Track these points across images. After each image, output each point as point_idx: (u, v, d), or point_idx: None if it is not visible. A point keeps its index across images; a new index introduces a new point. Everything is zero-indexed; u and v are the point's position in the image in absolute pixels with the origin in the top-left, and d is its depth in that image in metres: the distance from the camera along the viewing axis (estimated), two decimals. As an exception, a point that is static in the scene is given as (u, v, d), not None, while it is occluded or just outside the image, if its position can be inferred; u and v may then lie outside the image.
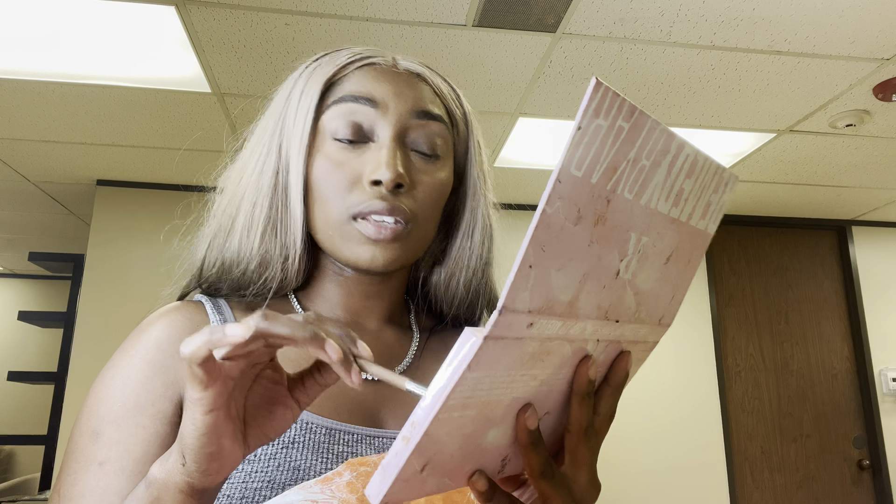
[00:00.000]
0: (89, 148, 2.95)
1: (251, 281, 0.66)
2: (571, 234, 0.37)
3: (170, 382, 0.60)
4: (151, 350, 0.61)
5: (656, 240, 0.43)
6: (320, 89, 0.66)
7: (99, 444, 0.57)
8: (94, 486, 0.55)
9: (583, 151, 0.35)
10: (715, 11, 1.93)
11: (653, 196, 0.41)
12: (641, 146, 0.38)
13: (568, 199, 0.36)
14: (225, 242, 0.67)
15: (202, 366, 0.41)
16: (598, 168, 0.37)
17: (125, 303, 3.12)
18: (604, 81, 0.36)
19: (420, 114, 0.66)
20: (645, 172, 0.40)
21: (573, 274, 0.38)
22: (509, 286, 0.35)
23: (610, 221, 0.39)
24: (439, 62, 2.21)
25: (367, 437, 0.60)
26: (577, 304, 0.39)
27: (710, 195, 0.46)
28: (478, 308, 0.74)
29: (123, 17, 1.96)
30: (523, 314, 0.36)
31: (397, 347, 0.70)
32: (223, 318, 0.65)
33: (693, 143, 0.42)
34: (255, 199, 0.66)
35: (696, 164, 0.43)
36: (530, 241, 0.35)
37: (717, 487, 3.38)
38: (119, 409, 0.58)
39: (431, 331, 0.75)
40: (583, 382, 0.44)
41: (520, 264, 0.35)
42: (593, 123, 0.35)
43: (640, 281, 0.44)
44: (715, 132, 2.72)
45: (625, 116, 0.37)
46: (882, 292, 3.79)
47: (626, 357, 0.47)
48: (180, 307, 0.65)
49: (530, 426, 0.42)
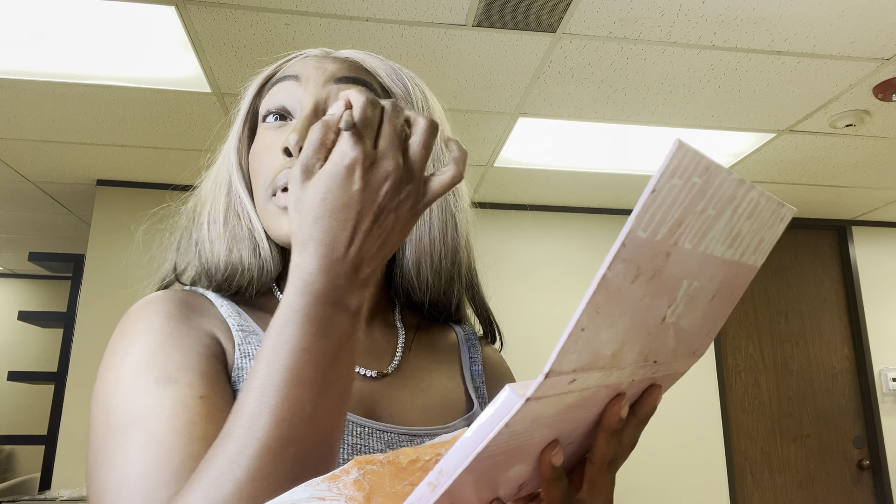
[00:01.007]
0: (89, 148, 2.95)
1: (229, 273, 0.66)
2: (627, 292, 0.36)
3: (200, 331, 0.58)
4: (163, 321, 0.58)
5: (706, 282, 0.43)
6: (259, 83, 0.70)
7: (178, 386, 0.53)
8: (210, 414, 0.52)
9: (652, 213, 0.34)
10: (715, 11, 1.93)
11: (711, 242, 0.40)
12: (710, 197, 0.37)
13: (630, 260, 0.35)
14: (193, 234, 0.68)
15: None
16: (664, 226, 0.36)
17: (125, 303, 3.11)
18: (686, 142, 0.34)
19: (340, 79, 0.65)
20: (709, 221, 0.39)
21: (621, 328, 0.37)
22: (559, 350, 0.34)
23: (665, 273, 0.38)
24: (439, 62, 2.21)
25: (376, 431, 0.61)
26: (621, 354, 0.39)
27: (766, 231, 0.45)
28: (454, 295, 0.73)
29: (123, 17, 1.96)
30: (568, 374, 0.36)
31: (384, 345, 0.70)
32: (221, 303, 0.64)
33: (757, 187, 0.41)
34: (215, 193, 0.69)
35: (759, 206, 0.42)
36: (587, 305, 0.34)
37: (717, 487, 3.38)
38: (167, 365, 0.54)
39: (417, 327, 0.75)
40: (613, 420, 0.44)
41: (573, 328, 0.34)
42: (668, 184, 0.34)
43: (684, 322, 0.43)
44: (715, 132, 2.72)
45: (700, 173, 0.36)
46: (882, 292, 3.79)
47: (657, 391, 0.47)
48: (172, 289, 0.65)
49: (555, 463, 0.42)
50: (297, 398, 0.46)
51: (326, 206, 0.48)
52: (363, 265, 0.50)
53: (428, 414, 0.66)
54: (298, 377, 0.46)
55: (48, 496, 2.71)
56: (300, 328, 0.47)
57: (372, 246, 0.49)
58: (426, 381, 0.69)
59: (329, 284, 0.48)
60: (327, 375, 0.47)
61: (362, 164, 0.48)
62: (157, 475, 0.48)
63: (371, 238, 0.49)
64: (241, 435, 0.44)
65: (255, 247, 0.65)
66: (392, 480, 0.41)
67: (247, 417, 0.45)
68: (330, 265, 0.48)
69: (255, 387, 0.46)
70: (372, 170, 0.48)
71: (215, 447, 0.45)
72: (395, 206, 0.50)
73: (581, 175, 3.21)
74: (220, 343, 0.59)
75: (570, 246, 3.64)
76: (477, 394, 0.73)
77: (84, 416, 3.02)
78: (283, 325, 0.47)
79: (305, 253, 0.49)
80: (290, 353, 0.46)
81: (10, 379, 3.43)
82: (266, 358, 0.47)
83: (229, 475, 0.43)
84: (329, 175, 0.48)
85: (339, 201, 0.48)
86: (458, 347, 0.77)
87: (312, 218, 0.49)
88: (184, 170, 3.17)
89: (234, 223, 0.66)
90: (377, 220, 0.49)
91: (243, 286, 0.65)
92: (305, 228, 0.49)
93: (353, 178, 0.48)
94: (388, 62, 0.71)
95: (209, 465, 0.44)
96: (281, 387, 0.45)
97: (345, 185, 0.48)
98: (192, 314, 0.60)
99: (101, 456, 0.50)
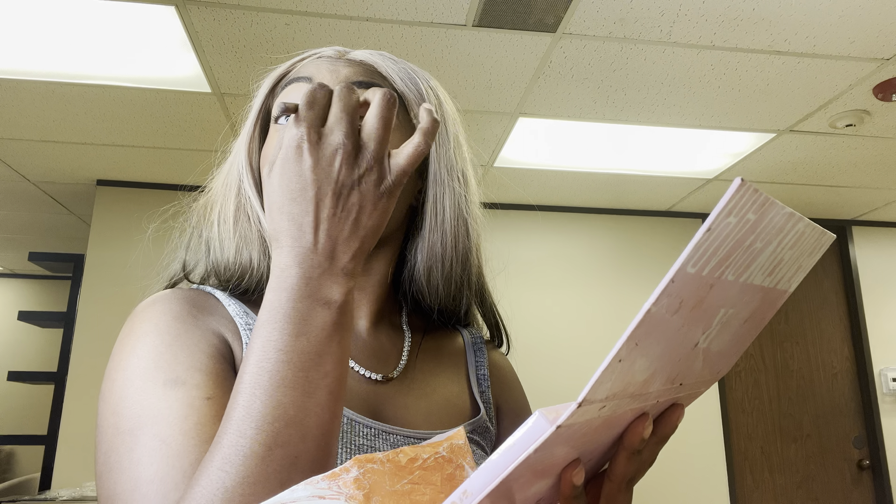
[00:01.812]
0: (89, 148, 2.95)
1: (238, 273, 0.65)
2: (667, 323, 0.36)
3: (207, 331, 0.58)
4: (170, 321, 0.57)
5: (741, 308, 0.42)
6: (272, 83, 0.69)
7: (186, 388, 0.52)
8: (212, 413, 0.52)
9: (703, 250, 0.34)
10: (715, 11, 1.93)
11: (754, 272, 0.40)
12: (760, 231, 0.37)
13: (675, 295, 0.35)
14: (203, 233, 0.68)
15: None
16: (713, 261, 0.36)
17: (125, 303, 3.12)
18: (749, 181, 0.34)
19: (353, 83, 0.64)
20: (754, 254, 0.39)
21: (655, 356, 0.38)
22: (595, 381, 0.34)
23: (706, 303, 0.38)
24: (439, 62, 2.21)
25: (382, 433, 0.60)
26: (651, 380, 0.39)
27: (805, 259, 0.44)
28: (462, 301, 0.72)
29: (123, 17, 1.96)
30: (600, 402, 0.36)
31: (390, 348, 0.69)
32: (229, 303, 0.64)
33: (805, 218, 0.41)
34: (225, 193, 0.68)
35: (804, 236, 0.42)
36: (628, 338, 0.34)
37: (717, 487, 3.38)
38: (174, 364, 0.54)
39: (424, 331, 0.74)
40: (635, 441, 0.43)
41: (611, 360, 0.34)
42: (723, 223, 0.34)
43: (714, 346, 0.43)
44: (715, 132, 2.72)
45: (755, 209, 0.35)
46: (882, 292, 3.79)
47: (679, 411, 0.46)
48: (180, 288, 0.64)
49: (577, 482, 0.41)
50: (279, 401, 0.45)
51: (285, 192, 0.48)
52: (338, 251, 0.48)
53: (432, 418, 0.66)
54: (280, 379, 0.45)
55: (48, 496, 2.71)
56: (276, 327, 0.46)
57: (342, 227, 0.48)
58: (431, 385, 0.69)
59: (303, 277, 0.47)
60: (311, 375, 0.46)
61: (308, 139, 0.48)
62: (168, 478, 0.47)
63: (337, 219, 0.48)
64: (227, 442, 0.44)
65: (264, 248, 0.65)
66: (392, 479, 0.41)
67: (234, 423, 0.44)
68: (302, 255, 0.47)
69: (241, 391, 0.45)
70: (320, 145, 0.48)
71: (208, 454, 0.45)
72: (355, 180, 0.49)
73: (581, 175, 3.21)
74: (228, 342, 0.59)
75: (570, 246, 3.64)
76: (482, 399, 0.73)
77: (84, 416, 3.02)
78: (262, 324, 0.47)
79: (278, 247, 0.48)
80: (267, 354, 0.46)
81: (10, 379, 3.43)
82: (252, 360, 0.46)
83: (218, 483, 0.43)
84: (281, 160, 0.48)
85: (294, 184, 0.48)
86: (464, 352, 0.76)
87: (277, 209, 0.48)
88: (184, 169, 3.17)
89: (244, 224, 0.66)
90: (339, 197, 0.48)
91: (252, 287, 0.65)
92: (273, 221, 0.49)
93: (301, 156, 0.48)
94: (404, 64, 0.69)
95: (200, 474, 0.44)
96: (265, 390, 0.45)
97: (295, 165, 0.48)
98: (200, 313, 0.60)
99: (112, 458, 0.50)
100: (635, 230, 3.71)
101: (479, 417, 0.70)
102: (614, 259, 3.65)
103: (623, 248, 3.67)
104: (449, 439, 0.45)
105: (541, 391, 3.32)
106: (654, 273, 3.65)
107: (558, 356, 3.45)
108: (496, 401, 0.75)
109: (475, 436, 0.68)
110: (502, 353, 0.81)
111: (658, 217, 3.74)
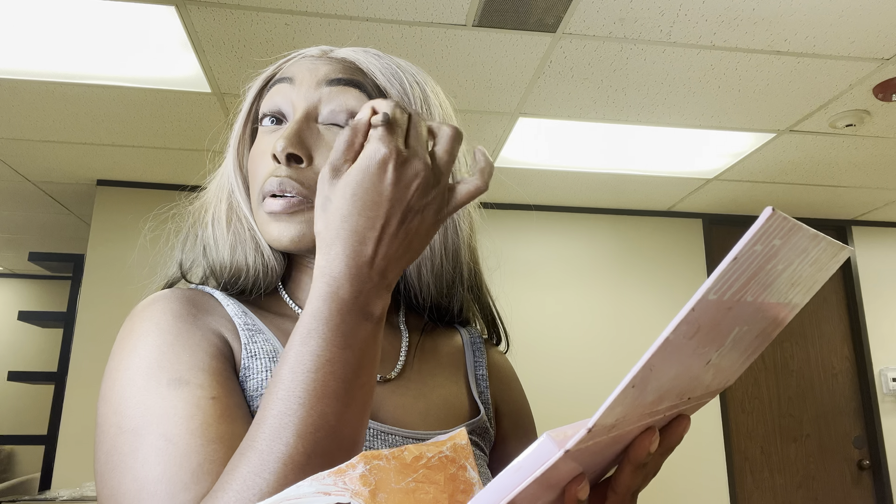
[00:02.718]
0: (89, 148, 2.95)
1: (234, 274, 0.65)
2: (683, 347, 0.36)
3: (207, 330, 0.58)
4: (171, 320, 0.57)
5: (754, 325, 0.42)
6: (260, 85, 0.69)
7: (189, 388, 0.52)
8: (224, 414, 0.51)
9: (727, 278, 0.34)
10: (715, 11, 1.93)
11: (773, 292, 0.40)
12: (783, 254, 0.37)
13: (694, 322, 0.35)
14: (199, 234, 0.68)
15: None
16: (734, 287, 0.35)
17: (125, 303, 3.12)
18: (779, 212, 0.33)
19: (332, 81, 0.63)
20: (775, 275, 0.38)
21: (667, 379, 0.37)
22: (607, 407, 0.34)
23: (722, 324, 0.38)
24: (439, 62, 2.21)
25: (381, 433, 0.60)
26: (662, 399, 0.39)
27: (820, 274, 0.44)
28: (455, 298, 0.72)
29: (123, 17, 1.96)
30: (610, 425, 0.36)
31: (388, 348, 0.69)
32: (227, 303, 0.64)
33: (827, 236, 0.40)
34: (219, 195, 0.69)
35: (825, 253, 0.41)
36: (643, 365, 0.34)
37: (717, 487, 3.38)
38: (178, 363, 0.54)
39: (422, 330, 0.74)
40: (641, 455, 0.43)
41: (625, 386, 0.34)
42: (749, 251, 0.34)
43: (724, 362, 0.43)
44: (715, 132, 2.72)
45: (781, 235, 0.35)
46: (882, 292, 3.79)
47: (685, 422, 0.46)
48: (179, 287, 0.64)
49: (581, 497, 0.41)
50: (322, 411, 0.45)
51: (356, 202, 0.48)
52: (388, 269, 0.49)
53: (430, 418, 0.65)
54: (323, 389, 0.45)
55: (48, 496, 2.71)
56: (325, 338, 0.46)
57: (398, 249, 0.49)
58: (429, 385, 0.68)
59: (355, 291, 0.47)
60: (351, 387, 0.47)
61: (395, 159, 0.48)
62: (176, 477, 0.47)
63: (397, 240, 0.49)
64: (264, 447, 0.44)
65: (258, 248, 0.65)
66: (397, 476, 0.41)
67: (270, 428, 0.44)
68: (357, 269, 0.47)
69: (280, 397, 0.45)
70: (404, 166, 0.48)
71: (239, 457, 0.45)
72: (422, 207, 0.49)
73: (581, 175, 3.22)
74: (228, 342, 0.59)
75: (570, 246, 3.64)
76: (481, 399, 0.72)
77: (84, 416, 3.02)
78: (307, 334, 0.47)
79: (332, 254, 0.48)
80: (314, 365, 0.46)
81: (10, 379, 3.43)
82: (290, 367, 0.46)
83: (254, 487, 0.43)
84: (360, 171, 0.48)
85: (369, 197, 0.48)
86: (462, 351, 0.76)
87: (341, 216, 0.48)
88: (184, 169, 3.17)
89: (237, 225, 0.66)
90: (404, 220, 0.49)
91: (248, 287, 0.65)
92: (332, 227, 0.48)
93: (385, 174, 0.48)
94: (388, 59, 0.68)
95: (234, 476, 0.44)
96: (305, 398, 0.45)
97: (377, 180, 0.48)
98: (200, 313, 0.59)
99: (115, 458, 0.50)
100: (635, 230, 3.71)
101: (479, 418, 0.69)
102: (614, 259, 3.65)
103: (623, 248, 3.67)
104: (452, 439, 0.45)
105: (541, 391, 3.33)
106: (653, 273, 3.65)
107: (558, 356, 3.45)
108: (495, 400, 0.75)
109: (474, 436, 0.67)
110: (502, 352, 0.81)
111: (658, 217, 3.74)
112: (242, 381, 0.58)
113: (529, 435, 0.76)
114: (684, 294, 3.63)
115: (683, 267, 3.67)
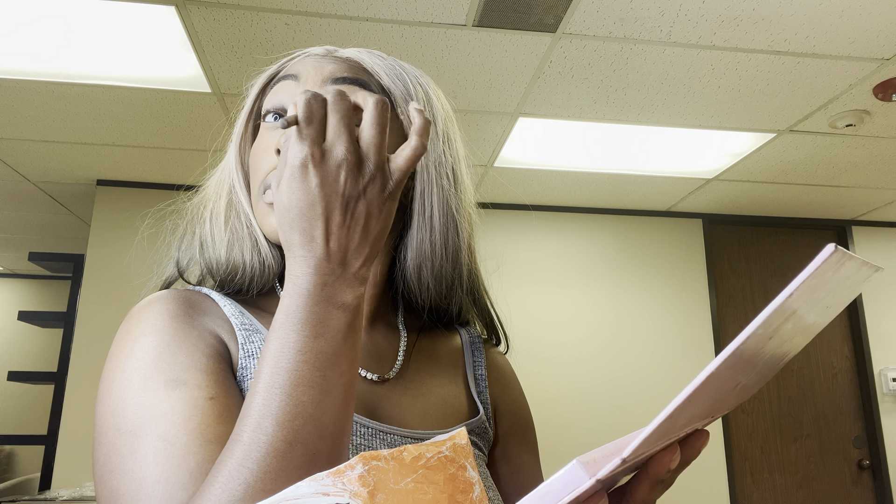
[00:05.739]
0: (89, 148, 2.95)
1: (230, 271, 0.65)
2: (723, 377, 0.35)
3: (204, 331, 0.58)
4: (168, 321, 0.57)
5: (783, 345, 0.42)
6: (263, 83, 0.70)
7: (187, 388, 0.52)
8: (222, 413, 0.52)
9: (777, 314, 0.33)
10: (715, 11, 1.93)
11: (808, 316, 0.39)
12: (830, 285, 0.36)
13: (739, 355, 0.34)
14: (196, 231, 0.69)
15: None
16: (780, 319, 0.35)
17: (125, 303, 3.12)
18: (841, 249, 0.33)
19: (337, 79, 0.64)
20: (816, 302, 0.38)
21: (702, 404, 0.37)
22: (643, 440, 0.34)
23: (761, 352, 0.38)
24: (439, 62, 2.21)
25: (379, 433, 0.60)
26: (692, 422, 0.39)
27: (849, 294, 0.43)
28: (454, 300, 0.71)
29: (123, 18, 1.96)
30: (641, 453, 0.36)
31: (386, 348, 0.69)
32: (224, 303, 0.64)
33: (868, 262, 0.40)
34: (218, 191, 0.69)
35: (860, 275, 0.41)
36: (685, 401, 0.33)
37: (717, 487, 3.38)
38: (173, 364, 0.54)
39: (420, 330, 0.74)
40: (661, 471, 0.44)
41: (663, 420, 0.34)
42: (803, 287, 0.33)
43: (751, 381, 0.43)
44: (715, 132, 2.72)
45: (833, 268, 0.34)
46: (882, 292, 3.79)
47: (704, 437, 0.46)
48: (175, 288, 0.64)
49: None
50: (298, 399, 0.46)
51: (294, 208, 0.49)
52: (349, 258, 0.50)
53: (429, 418, 0.65)
54: (299, 378, 0.47)
55: (48, 496, 2.71)
56: (295, 330, 0.48)
57: (352, 236, 0.50)
58: (427, 385, 0.68)
59: (319, 283, 0.49)
60: (328, 375, 0.47)
61: (312, 158, 0.49)
62: (174, 478, 0.48)
63: (347, 229, 0.50)
64: (247, 438, 0.45)
65: (255, 245, 0.65)
66: (396, 477, 0.41)
67: (252, 420, 0.46)
68: (315, 264, 0.49)
69: (259, 390, 0.47)
70: (324, 161, 0.49)
71: (224, 452, 0.45)
72: (361, 191, 0.50)
73: (581, 175, 3.22)
74: (225, 343, 0.59)
75: (570, 246, 3.64)
76: (480, 399, 0.72)
77: (84, 416, 3.02)
78: (279, 328, 0.48)
79: (291, 256, 0.50)
80: (289, 356, 0.47)
81: (10, 379, 3.43)
82: (268, 361, 0.47)
83: (239, 478, 0.44)
84: (287, 178, 0.50)
85: (303, 201, 0.49)
86: (462, 351, 0.76)
87: (288, 223, 0.50)
88: (184, 169, 3.17)
89: (235, 222, 0.66)
90: (347, 209, 0.50)
91: (245, 285, 0.65)
92: (285, 234, 0.50)
93: (307, 174, 0.49)
94: (392, 61, 0.69)
95: (219, 470, 0.44)
96: (283, 389, 0.46)
97: (302, 184, 0.49)
98: (196, 313, 0.60)
99: (113, 459, 0.50)
100: (635, 230, 3.71)
101: (478, 418, 0.69)
102: (614, 259, 3.65)
103: (623, 248, 3.67)
104: (451, 439, 0.45)
105: (541, 391, 3.33)
106: (653, 273, 3.65)
107: (558, 356, 3.45)
108: (494, 401, 0.75)
109: (474, 436, 0.67)
110: (501, 352, 0.81)
111: (658, 217, 3.74)
112: (240, 380, 0.58)
113: (528, 435, 0.76)
114: (684, 294, 3.63)
115: (683, 267, 3.67)
